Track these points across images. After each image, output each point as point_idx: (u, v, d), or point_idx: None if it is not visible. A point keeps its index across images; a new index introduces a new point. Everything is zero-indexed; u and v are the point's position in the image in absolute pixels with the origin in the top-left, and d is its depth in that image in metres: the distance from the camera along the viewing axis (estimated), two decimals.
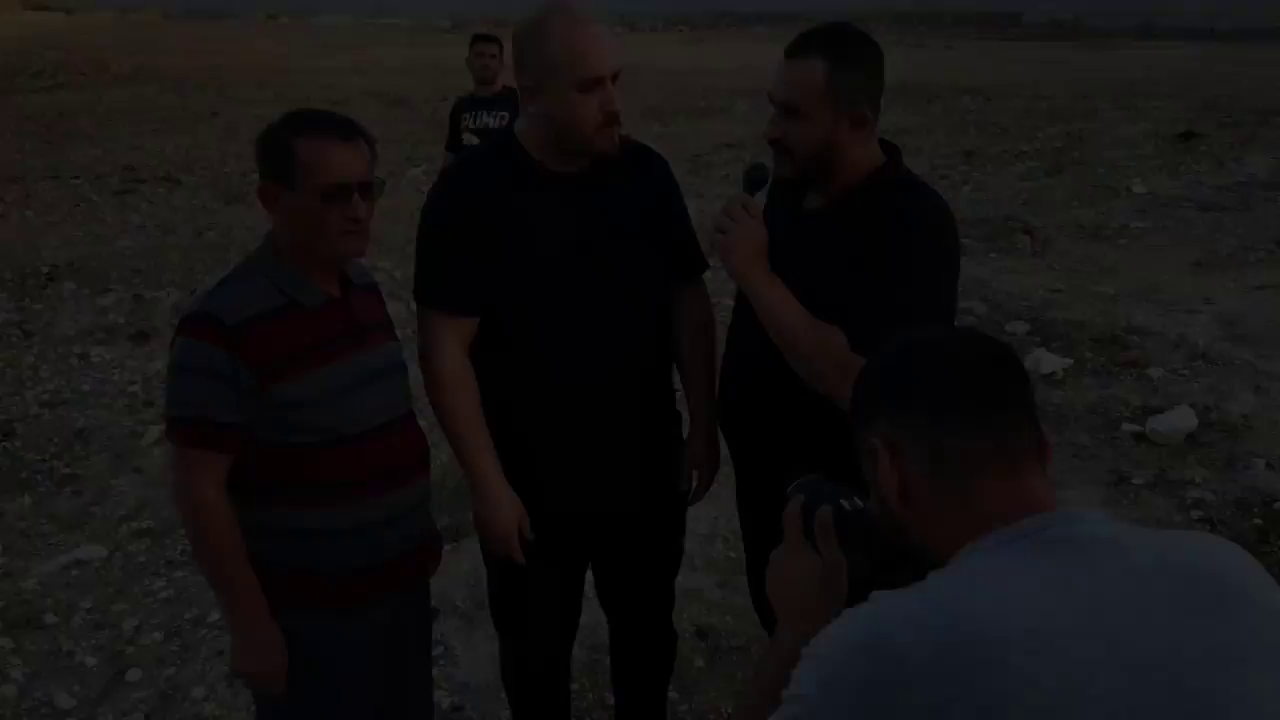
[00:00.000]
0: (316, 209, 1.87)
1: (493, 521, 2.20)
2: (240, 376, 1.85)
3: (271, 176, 1.90)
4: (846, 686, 1.04)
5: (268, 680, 2.01)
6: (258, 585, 1.96)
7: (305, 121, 1.91)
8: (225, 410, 1.86)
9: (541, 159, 2.13)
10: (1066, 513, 1.14)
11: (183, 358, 1.88)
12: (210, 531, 1.91)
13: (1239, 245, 7.44)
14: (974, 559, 1.11)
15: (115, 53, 20.82)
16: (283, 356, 1.88)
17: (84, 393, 5.35)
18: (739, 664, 3.35)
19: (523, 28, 2.05)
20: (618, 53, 2.05)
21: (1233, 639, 1.06)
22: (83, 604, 3.67)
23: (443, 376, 2.17)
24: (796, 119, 2.02)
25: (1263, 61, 16.23)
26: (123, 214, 8.81)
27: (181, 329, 1.89)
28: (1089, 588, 1.06)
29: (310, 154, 1.86)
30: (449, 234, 2.13)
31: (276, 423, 1.91)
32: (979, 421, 1.16)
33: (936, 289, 2.00)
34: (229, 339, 1.84)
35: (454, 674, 3.30)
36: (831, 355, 1.99)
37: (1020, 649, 1.00)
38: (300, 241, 1.93)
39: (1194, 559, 1.12)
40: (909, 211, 2.02)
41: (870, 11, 24.72)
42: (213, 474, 1.89)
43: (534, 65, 2.02)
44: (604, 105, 2.03)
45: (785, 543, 1.43)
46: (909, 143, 10.53)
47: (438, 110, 13.46)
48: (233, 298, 1.88)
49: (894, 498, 1.21)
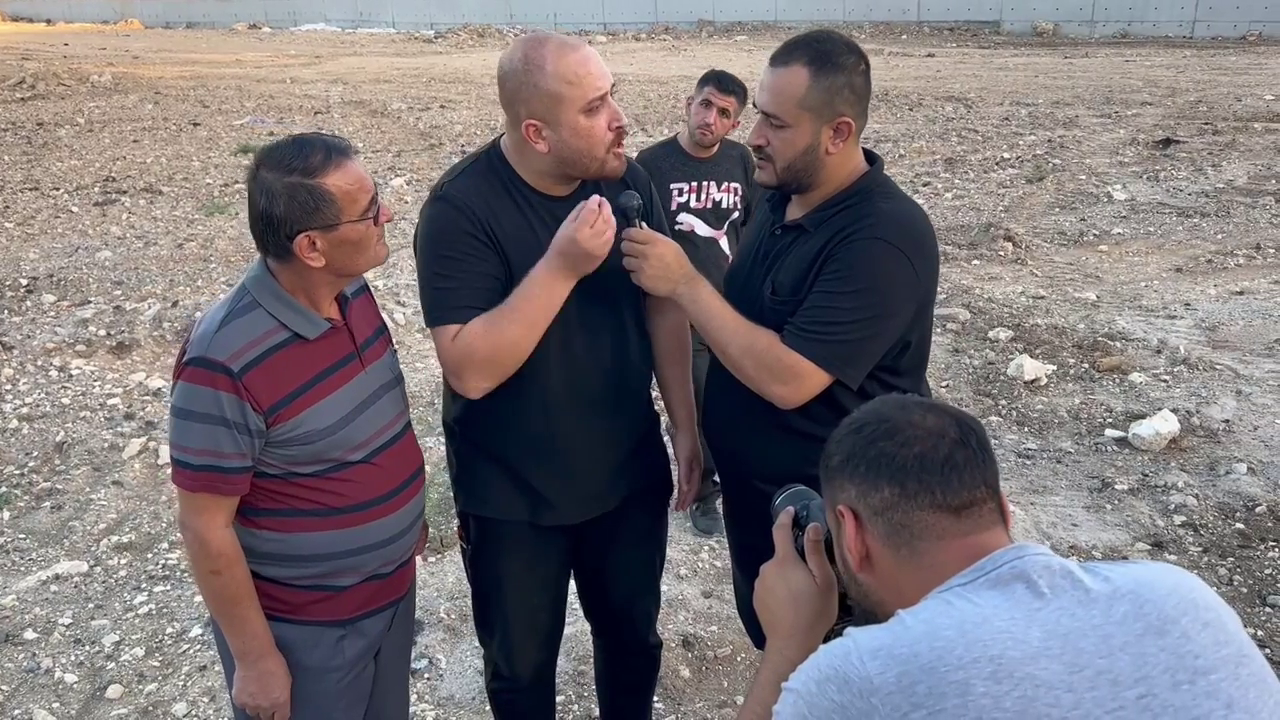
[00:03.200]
0: (362, 232, 1.86)
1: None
2: (249, 420, 1.83)
3: (311, 226, 1.81)
4: (821, 716, 1.10)
5: (268, 713, 2.01)
6: (264, 619, 1.96)
7: (307, 158, 1.81)
8: (233, 455, 1.84)
9: (534, 183, 2.13)
10: (1017, 546, 1.20)
11: (189, 403, 1.84)
12: (220, 571, 1.90)
13: (1218, 251, 7.49)
14: (935, 600, 1.17)
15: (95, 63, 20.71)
16: (288, 395, 1.87)
17: (63, 405, 5.30)
18: (725, 673, 3.34)
19: (511, 68, 2.04)
20: (606, 68, 2.07)
21: (1195, 654, 1.11)
22: (62, 620, 3.63)
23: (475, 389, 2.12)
24: (780, 127, 2.03)
25: (1239, 68, 16.38)
26: (103, 225, 8.75)
27: (185, 372, 1.85)
28: (1047, 615, 1.12)
29: (342, 187, 1.82)
30: (459, 254, 2.08)
31: (282, 457, 1.91)
32: (941, 498, 1.21)
33: (882, 299, 2.00)
34: (236, 385, 1.81)
35: (438, 686, 3.28)
36: (757, 356, 2.03)
37: (983, 676, 1.05)
38: (341, 269, 1.89)
39: (1144, 584, 1.17)
40: (869, 222, 2.02)
41: (852, 20, 24.84)
42: (222, 515, 1.89)
43: (535, 101, 2.02)
44: (612, 121, 2.06)
45: (776, 557, 1.43)
46: (891, 150, 10.58)
47: (420, 120, 13.45)
48: (236, 339, 1.84)
49: (857, 562, 1.27)
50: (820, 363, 2.00)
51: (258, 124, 13.24)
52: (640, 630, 2.61)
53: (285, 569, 1.99)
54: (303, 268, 1.86)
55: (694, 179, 3.92)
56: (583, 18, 28.16)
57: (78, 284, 7.12)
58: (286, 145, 1.85)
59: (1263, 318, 6.17)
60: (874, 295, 1.99)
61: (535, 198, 2.13)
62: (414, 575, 2.30)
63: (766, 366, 2.03)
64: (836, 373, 2.01)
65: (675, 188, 3.90)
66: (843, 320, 1.99)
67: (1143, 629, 1.11)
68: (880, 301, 2.00)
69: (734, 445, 2.30)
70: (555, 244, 2.04)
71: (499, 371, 2.07)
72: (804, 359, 1.99)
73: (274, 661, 1.98)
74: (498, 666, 2.49)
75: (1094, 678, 1.06)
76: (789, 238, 2.14)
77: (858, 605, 1.36)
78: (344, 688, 2.09)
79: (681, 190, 3.92)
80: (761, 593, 1.42)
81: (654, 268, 2.07)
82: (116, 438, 4.94)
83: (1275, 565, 3.78)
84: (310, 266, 1.85)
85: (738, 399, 2.16)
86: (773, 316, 2.07)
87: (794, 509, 1.48)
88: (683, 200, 3.92)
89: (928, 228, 2.11)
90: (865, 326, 2.00)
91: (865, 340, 2.01)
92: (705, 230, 3.94)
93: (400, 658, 2.35)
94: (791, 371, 2.01)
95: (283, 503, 1.94)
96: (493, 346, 2.04)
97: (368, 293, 2.17)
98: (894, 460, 1.23)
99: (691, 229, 3.91)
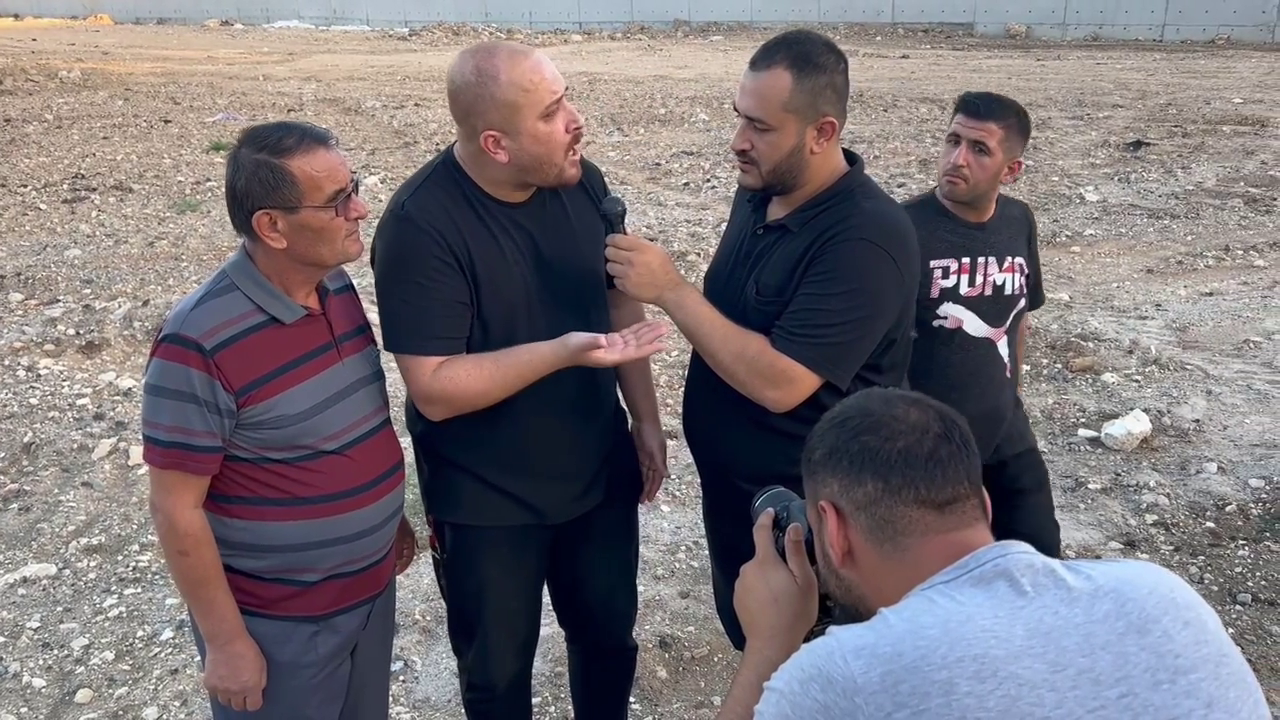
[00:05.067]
0: (325, 221, 1.86)
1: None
2: (219, 399, 1.84)
3: (269, 204, 1.84)
4: (804, 716, 1.09)
5: (239, 697, 2.01)
6: (234, 602, 1.97)
7: (280, 139, 1.84)
8: (203, 434, 1.86)
9: (493, 191, 2.12)
10: (1000, 544, 1.20)
11: (160, 379, 1.86)
12: (188, 551, 1.91)
13: (1188, 252, 7.58)
14: (918, 598, 1.16)
15: (64, 59, 20.45)
16: (261, 377, 1.88)
17: (31, 406, 5.22)
18: (702, 674, 3.34)
19: (464, 81, 2.01)
20: (558, 72, 2.07)
21: (1175, 653, 1.11)
22: (30, 623, 3.58)
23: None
24: (765, 130, 2.03)
25: (1208, 72, 16.57)
26: (72, 223, 8.63)
27: (159, 349, 1.87)
28: (1030, 613, 1.12)
29: (306, 170, 1.83)
30: (429, 280, 2.05)
31: (254, 441, 1.91)
32: (925, 494, 1.21)
33: (870, 299, 2.01)
34: (207, 362, 1.82)
35: (414, 689, 3.26)
36: (750, 361, 2.03)
37: (966, 675, 1.05)
38: (304, 256, 1.90)
39: (1125, 582, 1.17)
40: (853, 222, 2.03)
41: (827, 21, 24.93)
42: (191, 495, 1.90)
43: (493, 112, 2.00)
44: (569, 124, 2.05)
45: (756, 557, 1.43)
46: (866, 151, 10.62)
47: (394, 118, 13.37)
48: (210, 318, 1.86)
49: (839, 558, 1.26)
50: (812, 365, 2.00)
51: (230, 121, 13.12)
52: (618, 632, 2.61)
53: (254, 560, 1.99)
54: (269, 249, 1.88)
55: (964, 253, 2.71)
56: (558, 16, 28.11)
57: (46, 282, 7.03)
58: (270, 126, 1.89)
59: (1231, 318, 6.25)
60: (862, 296, 2.00)
61: (495, 206, 2.12)
62: (392, 573, 2.29)
63: (759, 372, 2.03)
64: (828, 374, 2.02)
65: (938, 266, 2.68)
66: (832, 322, 2.00)
67: (1124, 628, 1.11)
68: (868, 302, 2.01)
69: (715, 444, 2.30)
70: (572, 347, 2.03)
71: (466, 411, 2.12)
72: (796, 363, 2.00)
73: (244, 644, 1.98)
74: (473, 676, 2.47)
75: (1076, 676, 1.07)
76: (771, 238, 2.14)
77: (838, 606, 1.36)
78: (317, 684, 2.09)
79: (947, 270, 2.70)
80: (741, 593, 1.42)
81: (639, 274, 2.06)
82: (86, 438, 4.88)
83: (1245, 564, 3.82)
84: (273, 248, 1.87)
85: (718, 398, 2.16)
86: (757, 317, 2.08)
87: (774, 510, 1.47)
88: (949, 284, 2.70)
89: (909, 227, 2.13)
90: (855, 328, 2.01)
91: (855, 341, 2.03)
92: (979, 328, 2.74)
93: (379, 656, 2.34)
94: (785, 376, 2.01)
95: (253, 490, 1.95)
96: (473, 396, 2.07)
97: (353, 291, 2.17)
98: (878, 454, 1.22)
99: (959, 324, 2.72)
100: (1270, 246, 7.68)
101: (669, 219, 8.44)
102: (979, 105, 2.66)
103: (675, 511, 4.26)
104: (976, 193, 2.67)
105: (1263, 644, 3.39)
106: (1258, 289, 6.82)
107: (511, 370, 2.06)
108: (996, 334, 2.77)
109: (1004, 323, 2.78)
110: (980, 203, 2.72)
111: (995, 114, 2.65)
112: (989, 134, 2.62)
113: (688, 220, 8.37)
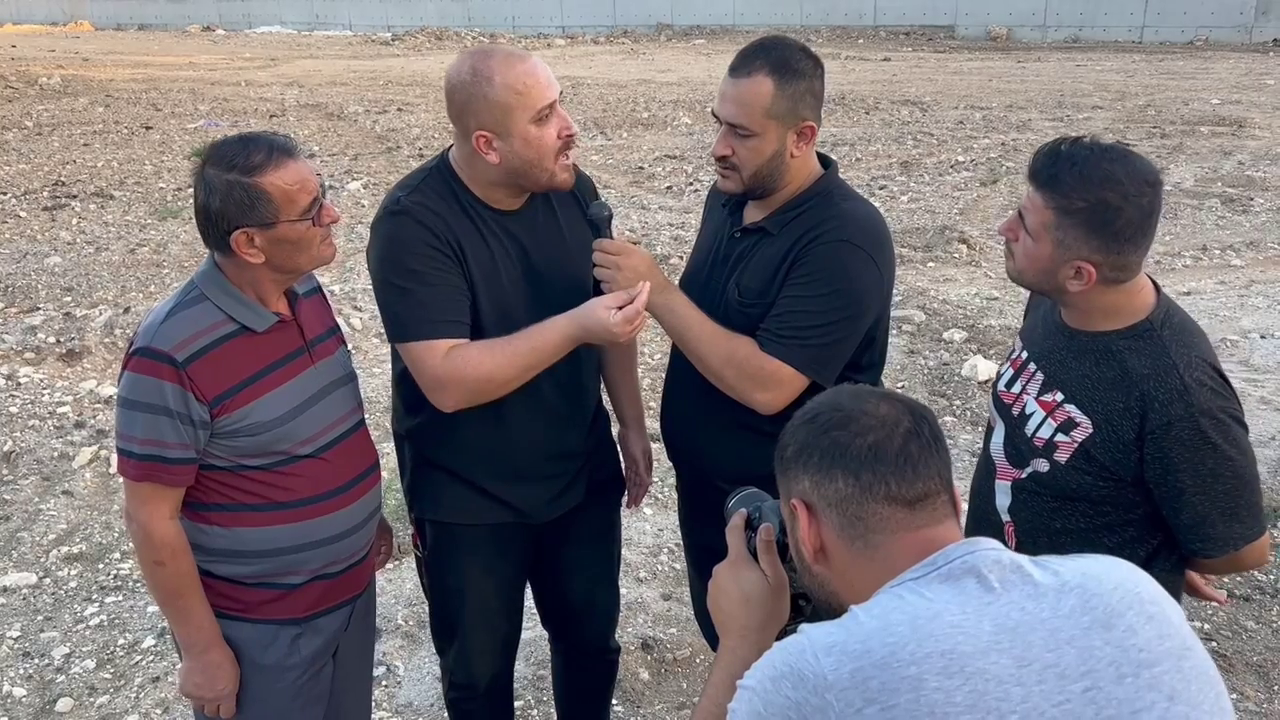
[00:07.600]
0: (301, 232, 1.87)
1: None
2: (192, 411, 1.85)
3: (246, 223, 1.83)
4: (776, 713, 1.10)
5: (214, 704, 2.02)
6: (210, 611, 1.98)
7: (249, 156, 1.83)
8: (176, 445, 1.86)
9: (485, 196, 2.13)
10: (969, 540, 1.21)
11: (133, 393, 1.86)
12: (164, 561, 1.91)
13: (1166, 252, 7.63)
14: (888, 595, 1.18)
15: (44, 65, 20.34)
16: (234, 386, 1.88)
17: (11, 414, 5.20)
18: (684, 675, 3.35)
19: (459, 81, 2.04)
20: (554, 78, 2.09)
21: (1139, 647, 1.13)
22: (10, 632, 3.56)
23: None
24: (747, 136, 2.05)
25: (1186, 73, 16.70)
26: (52, 230, 8.59)
27: (130, 362, 1.88)
28: (997, 609, 1.13)
29: (280, 186, 1.83)
30: (428, 268, 2.06)
31: (230, 449, 1.92)
32: (896, 490, 1.22)
33: (853, 300, 2.04)
34: (180, 374, 1.83)
35: (396, 694, 3.26)
36: (739, 364, 2.05)
37: (934, 670, 1.07)
38: (282, 266, 1.90)
39: (1091, 577, 1.18)
40: (833, 224, 2.06)
41: (809, 24, 25.01)
42: (166, 505, 1.91)
43: (485, 112, 2.02)
44: (562, 129, 2.07)
45: (729, 558, 1.44)
46: (848, 154, 10.67)
47: (377, 123, 13.35)
48: (182, 330, 1.86)
49: (811, 555, 1.27)
50: (801, 367, 2.03)
51: (212, 127, 13.07)
52: (601, 633, 2.62)
53: (235, 566, 1.99)
54: (244, 263, 1.88)
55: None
56: (541, 20, 28.10)
57: (26, 290, 6.99)
58: (233, 142, 1.87)
59: (1209, 318, 6.30)
60: (846, 297, 2.03)
61: (488, 213, 2.13)
62: (372, 574, 2.29)
63: (749, 375, 2.05)
64: (816, 376, 2.04)
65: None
66: (819, 323, 2.03)
67: (1089, 623, 1.13)
68: (852, 302, 2.04)
69: (693, 445, 2.31)
70: (584, 319, 2.01)
71: (480, 399, 2.07)
72: (784, 365, 2.03)
73: (219, 653, 1.99)
74: (455, 674, 2.48)
75: (1041, 671, 1.08)
76: (751, 240, 2.16)
77: (809, 605, 1.37)
78: (300, 686, 2.10)
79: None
80: (714, 593, 1.43)
81: (626, 278, 2.07)
82: (67, 446, 4.86)
83: None
84: (250, 262, 1.87)
85: (696, 398, 2.18)
86: (740, 320, 2.10)
87: (747, 510, 1.49)
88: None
89: (886, 227, 2.17)
90: (839, 328, 2.04)
91: (839, 341, 2.06)
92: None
93: (361, 657, 2.35)
94: (774, 378, 2.04)
95: (231, 497, 1.95)
96: (486, 377, 2.03)
97: (321, 294, 2.18)
98: (848, 450, 1.23)
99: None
100: (1247, 246, 7.75)
101: (652, 222, 8.46)
102: (1048, 175, 1.84)
103: (657, 514, 4.28)
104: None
105: (1238, 639, 3.43)
106: (1234, 288, 6.88)
107: (524, 346, 2.03)
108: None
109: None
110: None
111: (1064, 185, 1.80)
112: (1044, 217, 1.83)
113: (670, 224, 8.40)
